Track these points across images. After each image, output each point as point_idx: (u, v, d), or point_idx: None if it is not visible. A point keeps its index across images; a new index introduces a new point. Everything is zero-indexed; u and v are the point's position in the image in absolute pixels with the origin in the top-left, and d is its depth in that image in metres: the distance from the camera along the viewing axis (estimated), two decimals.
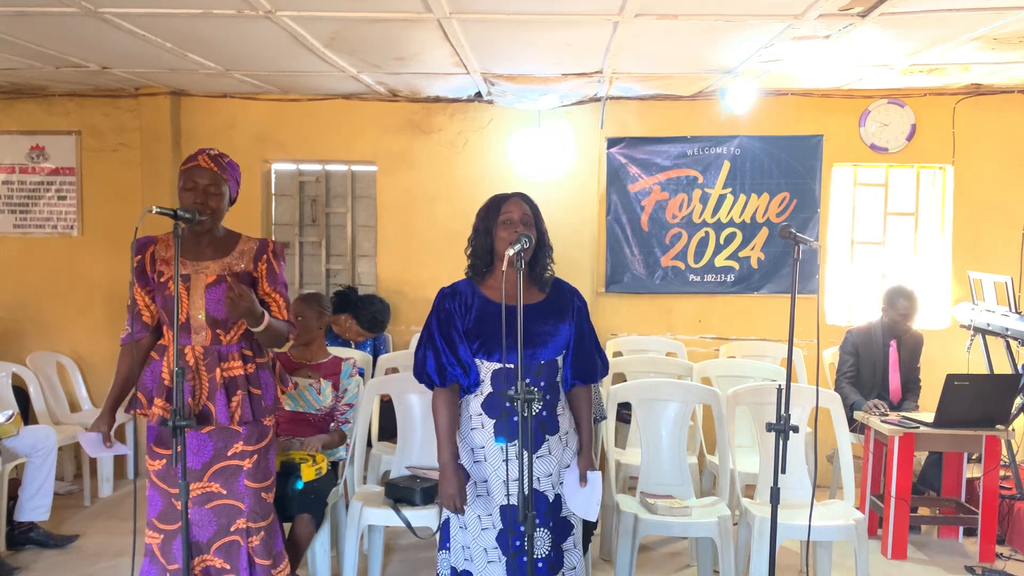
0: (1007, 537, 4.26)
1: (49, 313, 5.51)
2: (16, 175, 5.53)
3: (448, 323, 2.54)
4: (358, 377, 3.69)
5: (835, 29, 3.64)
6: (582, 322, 2.63)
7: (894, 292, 4.59)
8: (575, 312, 2.62)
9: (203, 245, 2.72)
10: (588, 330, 2.65)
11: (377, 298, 5.06)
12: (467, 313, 2.55)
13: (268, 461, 2.78)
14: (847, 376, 4.58)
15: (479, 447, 2.55)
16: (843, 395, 4.37)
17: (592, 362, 2.64)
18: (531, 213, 2.57)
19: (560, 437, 2.57)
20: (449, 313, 2.55)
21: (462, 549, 2.59)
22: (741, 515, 3.56)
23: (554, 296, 2.62)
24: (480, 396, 2.55)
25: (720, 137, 5.33)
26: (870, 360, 4.60)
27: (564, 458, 2.58)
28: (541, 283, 2.60)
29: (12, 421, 3.97)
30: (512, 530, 2.50)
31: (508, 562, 2.51)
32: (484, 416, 2.54)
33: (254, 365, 2.73)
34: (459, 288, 2.61)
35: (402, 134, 5.48)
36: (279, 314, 2.77)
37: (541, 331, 2.52)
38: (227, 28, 3.72)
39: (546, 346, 2.53)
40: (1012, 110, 5.20)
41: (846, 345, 4.64)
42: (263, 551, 2.73)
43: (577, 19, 3.52)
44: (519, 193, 2.64)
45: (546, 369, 2.53)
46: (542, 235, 2.59)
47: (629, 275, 5.46)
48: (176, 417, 2.37)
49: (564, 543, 2.57)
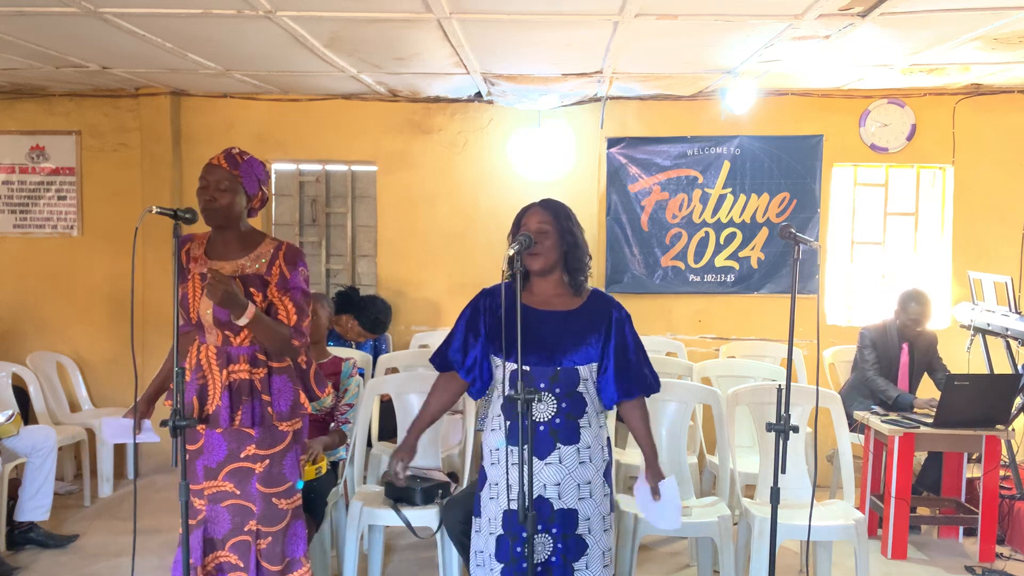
0: (1007, 537, 4.26)
1: (49, 313, 5.51)
2: (16, 175, 5.53)
3: (473, 318, 2.61)
4: (358, 377, 3.69)
5: (835, 29, 3.64)
6: (623, 335, 2.57)
7: (907, 296, 4.58)
8: (612, 324, 2.56)
9: (226, 244, 2.72)
10: (633, 344, 2.59)
11: (379, 299, 5.06)
12: (495, 312, 2.57)
13: (283, 467, 2.72)
14: (875, 367, 4.54)
15: (495, 449, 2.55)
16: (877, 387, 4.38)
17: (640, 375, 2.58)
18: (551, 219, 2.55)
19: (579, 450, 2.49)
20: (477, 310, 2.62)
21: (475, 554, 2.58)
22: (741, 515, 3.56)
23: (589, 306, 2.58)
24: (500, 398, 2.57)
25: (720, 137, 5.33)
26: (886, 358, 4.59)
27: (583, 473, 2.50)
28: (576, 287, 2.58)
29: (12, 421, 3.97)
30: (513, 535, 2.48)
31: (504, 568, 2.49)
32: (501, 418, 2.55)
33: (266, 370, 2.67)
34: (498, 289, 2.62)
35: (402, 134, 5.48)
36: (286, 318, 2.69)
37: (564, 338, 2.49)
38: (227, 28, 3.72)
39: (566, 353, 2.49)
40: (1012, 110, 5.21)
41: (864, 340, 4.61)
42: (270, 556, 2.70)
43: (577, 19, 3.51)
44: (542, 201, 2.63)
45: (563, 376, 2.49)
46: (574, 238, 2.56)
47: (629, 275, 5.46)
48: (176, 417, 2.37)
49: (576, 563, 2.49)
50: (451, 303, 5.41)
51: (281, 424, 2.71)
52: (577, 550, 2.49)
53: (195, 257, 2.73)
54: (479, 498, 2.60)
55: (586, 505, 2.50)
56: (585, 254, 2.60)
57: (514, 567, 2.47)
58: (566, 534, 2.49)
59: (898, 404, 4.35)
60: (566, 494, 2.48)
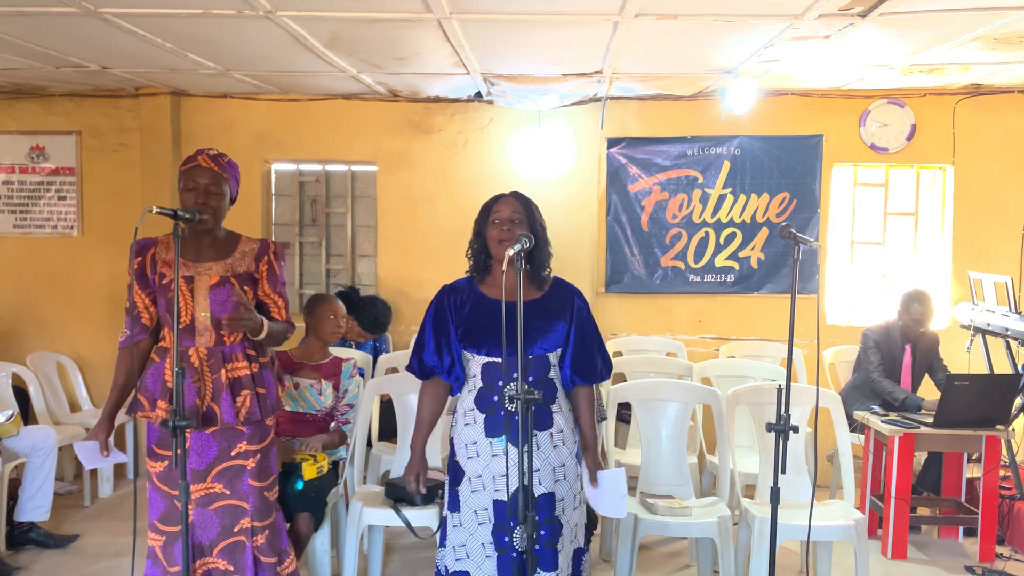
0: (1007, 537, 4.26)
1: (49, 313, 5.51)
2: (16, 175, 5.53)
3: (440, 317, 2.63)
4: (358, 378, 3.69)
5: (835, 29, 3.64)
6: (582, 322, 2.63)
7: (909, 297, 4.58)
8: (575, 311, 2.62)
9: (204, 246, 2.72)
10: (589, 331, 2.65)
11: (379, 300, 5.06)
12: (462, 308, 2.61)
13: (270, 460, 2.79)
14: (879, 369, 4.53)
15: (471, 443, 2.57)
16: (884, 389, 4.37)
17: (591, 362, 2.64)
18: (523, 210, 2.59)
19: (551, 435, 2.56)
20: (442, 308, 2.64)
21: (454, 549, 2.59)
22: (741, 515, 3.56)
23: (552, 294, 2.63)
24: (472, 392, 2.59)
25: (720, 137, 5.33)
26: (890, 359, 4.59)
27: (557, 457, 2.56)
28: (539, 280, 2.62)
29: (12, 421, 3.97)
30: (502, 525, 2.51)
31: (500, 557, 2.52)
32: (476, 411, 2.57)
33: (257, 364, 2.74)
34: (458, 285, 2.68)
35: (402, 134, 5.48)
36: (278, 315, 2.79)
37: (532, 327, 2.53)
38: (227, 28, 3.72)
39: (535, 342, 2.54)
40: (1012, 110, 5.21)
41: (867, 342, 4.61)
42: (268, 549, 2.74)
43: (577, 19, 3.51)
44: (513, 192, 2.67)
45: (535, 364, 2.54)
46: (540, 232, 2.60)
47: (629, 275, 5.46)
48: (176, 417, 2.37)
49: (557, 544, 2.55)
50: None
51: (267, 418, 2.75)
52: (555, 532, 2.55)
53: (165, 261, 2.69)
54: (456, 493, 2.62)
55: (561, 487, 2.57)
56: (549, 250, 2.65)
57: (503, 556, 2.50)
58: (549, 518, 2.53)
59: (906, 406, 4.35)
60: (544, 479, 2.53)
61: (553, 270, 2.69)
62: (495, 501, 2.53)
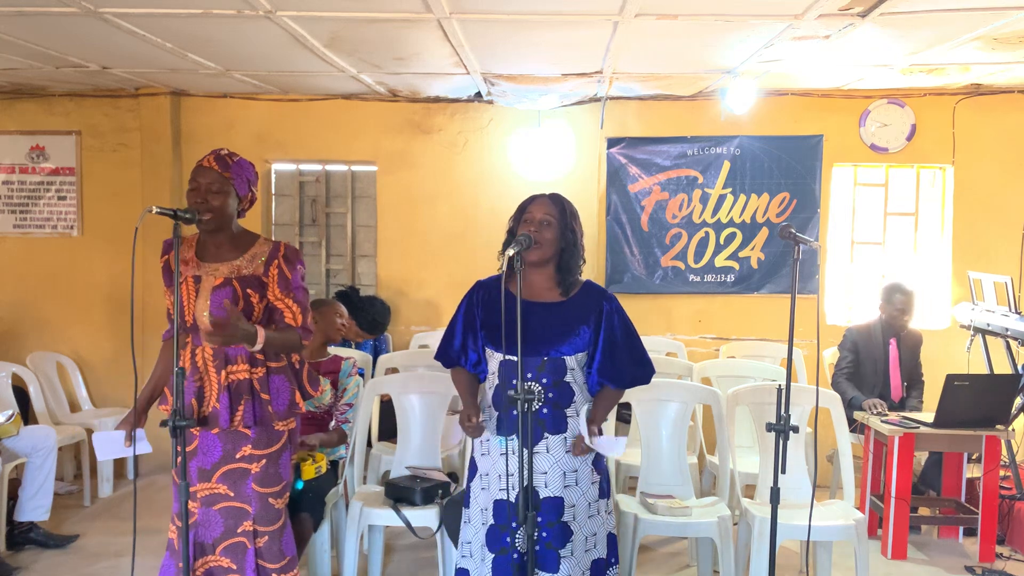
0: (1007, 537, 4.26)
1: (49, 313, 5.51)
2: (16, 175, 5.53)
3: (469, 313, 2.66)
4: (357, 377, 3.69)
5: (835, 29, 3.64)
6: (613, 327, 2.58)
7: (890, 288, 4.59)
8: (603, 316, 2.57)
9: (218, 246, 2.71)
10: (623, 337, 2.60)
11: (378, 300, 5.06)
12: (487, 304, 2.62)
13: (279, 467, 2.72)
14: (844, 372, 4.57)
15: (485, 439, 2.58)
16: (840, 391, 4.37)
17: (620, 369, 2.59)
18: (556, 213, 2.56)
19: (565, 439, 2.54)
20: (471, 303, 2.67)
21: (463, 545, 2.60)
22: (741, 515, 3.56)
23: (578, 298, 2.59)
24: (491, 389, 2.61)
25: (720, 137, 5.33)
26: (871, 359, 4.59)
27: (569, 462, 2.54)
28: (565, 285, 2.58)
29: (12, 421, 3.97)
30: (502, 525, 2.50)
31: (497, 558, 2.50)
32: (492, 408, 2.59)
33: (264, 369, 2.67)
34: (490, 281, 2.69)
35: (402, 134, 5.48)
36: (292, 320, 2.70)
37: (551, 329, 2.51)
38: (227, 28, 3.72)
39: (552, 343, 2.51)
40: (1012, 110, 5.21)
41: (845, 342, 4.64)
42: (269, 554, 2.70)
43: (577, 19, 3.52)
44: (551, 193, 2.64)
45: (549, 366, 2.52)
46: (574, 237, 2.57)
47: (629, 275, 5.46)
48: (176, 417, 2.37)
49: (562, 549, 2.52)
50: (451, 303, 5.35)
51: (278, 424, 2.71)
52: (562, 537, 2.52)
53: (186, 260, 2.71)
54: (469, 488, 2.63)
55: (571, 492, 2.54)
56: (580, 256, 2.61)
57: (504, 557, 2.49)
58: (551, 522, 2.51)
59: (851, 406, 4.37)
60: (552, 483, 2.52)
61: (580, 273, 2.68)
62: (495, 501, 2.53)
